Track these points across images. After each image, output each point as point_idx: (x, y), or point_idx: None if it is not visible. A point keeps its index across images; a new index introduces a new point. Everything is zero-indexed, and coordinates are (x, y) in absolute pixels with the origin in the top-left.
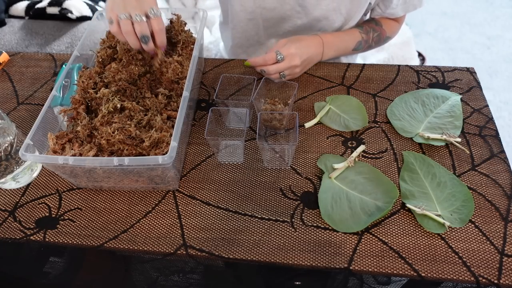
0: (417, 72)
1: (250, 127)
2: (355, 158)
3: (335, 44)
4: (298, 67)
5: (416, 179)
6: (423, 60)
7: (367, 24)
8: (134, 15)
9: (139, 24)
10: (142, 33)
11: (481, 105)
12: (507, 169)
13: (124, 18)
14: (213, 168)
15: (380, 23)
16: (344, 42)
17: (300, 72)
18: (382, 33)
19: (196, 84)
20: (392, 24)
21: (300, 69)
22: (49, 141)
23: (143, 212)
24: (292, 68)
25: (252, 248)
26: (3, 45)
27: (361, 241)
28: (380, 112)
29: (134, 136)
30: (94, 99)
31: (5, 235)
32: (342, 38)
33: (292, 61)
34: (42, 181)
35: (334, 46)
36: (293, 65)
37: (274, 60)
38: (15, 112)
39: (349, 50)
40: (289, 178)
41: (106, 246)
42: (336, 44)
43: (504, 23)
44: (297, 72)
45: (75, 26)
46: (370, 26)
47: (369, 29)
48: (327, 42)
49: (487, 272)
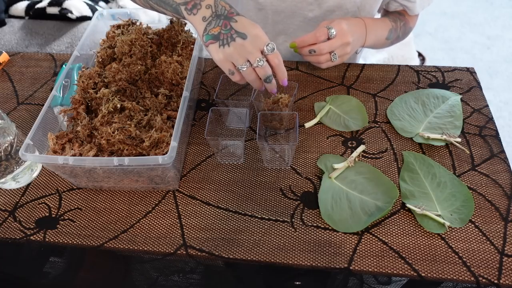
0: (417, 72)
1: (250, 127)
2: (355, 158)
3: (374, 27)
4: (349, 46)
5: (416, 179)
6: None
7: (391, 14)
8: (255, 61)
9: (262, 69)
10: (266, 75)
11: (481, 105)
12: (507, 169)
13: (245, 69)
14: (213, 168)
15: (402, 13)
16: (380, 28)
17: (350, 52)
18: (407, 23)
19: (196, 84)
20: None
21: (351, 48)
22: (49, 141)
23: (143, 212)
24: (344, 46)
25: (252, 248)
26: (3, 45)
27: (361, 241)
28: (380, 112)
29: (134, 136)
30: (94, 99)
31: (5, 235)
32: (378, 24)
33: (344, 38)
34: (42, 181)
35: (374, 30)
36: (345, 41)
37: (325, 36)
38: (15, 112)
39: (383, 39)
40: (289, 178)
41: (106, 246)
42: (375, 28)
43: (504, 23)
44: (348, 52)
45: (75, 26)
46: (396, 16)
47: (396, 18)
48: (368, 24)
49: (487, 272)
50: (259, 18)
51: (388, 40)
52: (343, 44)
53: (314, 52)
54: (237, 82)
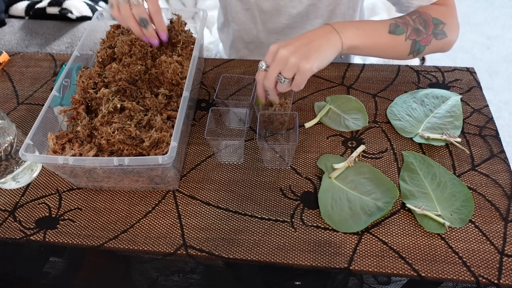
0: (417, 72)
1: (250, 127)
2: (355, 158)
3: (351, 24)
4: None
5: (416, 179)
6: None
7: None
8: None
9: (136, 7)
10: (140, 16)
11: (481, 105)
12: (507, 169)
13: (123, 2)
14: (213, 168)
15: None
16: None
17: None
18: (423, 13)
19: (196, 84)
20: (433, 7)
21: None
22: (49, 141)
23: (143, 212)
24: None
25: (252, 248)
26: (3, 45)
27: (361, 241)
28: (380, 112)
29: (134, 136)
30: (94, 99)
31: (5, 235)
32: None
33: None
34: (42, 181)
35: (351, 26)
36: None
37: (262, 74)
38: (15, 112)
39: (385, 34)
40: (289, 178)
41: (106, 246)
42: (353, 24)
43: (504, 23)
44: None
45: (75, 26)
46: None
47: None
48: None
49: (487, 272)
50: (248, 18)
51: (399, 35)
52: (277, 63)
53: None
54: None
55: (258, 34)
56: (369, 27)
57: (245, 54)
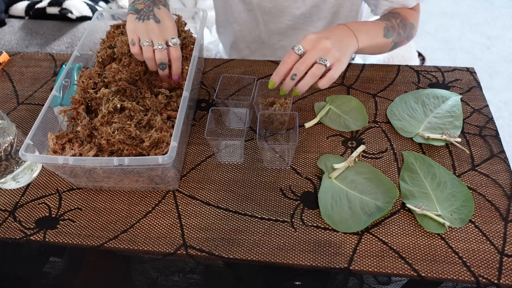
0: (417, 72)
1: (250, 127)
2: (355, 158)
3: (361, 27)
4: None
5: (416, 179)
6: (423, 60)
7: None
8: (157, 44)
9: (159, 53)
10: (161, 61)
11: (481, 105)
12: (507, 169)
13: (146, 44)
14: (213, 168)
15: (397, 12)
16: (371, 27)
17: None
18: (404, 18)
19: (196, 84)
20: (411, 12)
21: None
22: (49, 141)
23: (143, 212)
24: (324, 52)
25: (252, 248)
26: (3, 45)
27: (361, 241)
28: (380, 112)
29: (134, 136)
30: (94, 99)
31: (5, 235)
32: (367, 24)
33: (317, 44)
34: (42, 181)
35: (362, 30)
36: (320, 47)
37: (295, 56)
38: (15, 112)
39: (381, 38)
40: (289, 178)
41: (106, 246)
42: (363, 28)
43: (504, 23)
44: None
45: (75, 26)
46: (388, 15)
47: (388, 17)
48: (352, 25)
49: (487, 272)
50: (251, 19)
51: (389, 39)
52: (318, 51)
53: (295, 76)
54: (133, 55)
55: (261, 34)
56: (372, 30)
57: (246, 54)
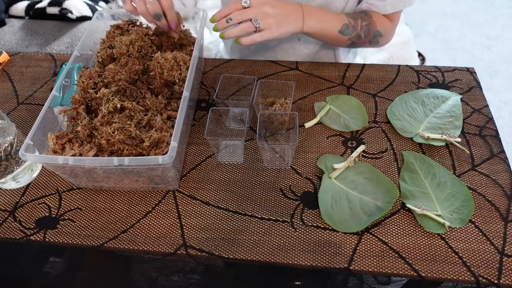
0: (417, 72)
1: (250, 127)
2: (355, 158)
3: (317, 14)
4: (269, 17)
5: (416, 179)
6: (423, 60)
7: (355, 13)
8: None
9: (151, 5)
10: (155, 12)
11: (481, 105)
12: (507, 169)
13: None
14: (213, 168)
15: (369, 14)
16: (329, 18)
17: (274, 26)
18: (372, 24)
19: (196, 84)
20: (384, 20)
21: (273, 19)
22: (49, 141)
23: (143, 212)
24: (263, 16)
25: (252, 248)
26: (3, 45)
27: (361, 241)
28: (380, 112)
29: (134, 136)
30: (94, 99)
31: (5, 235)
32: (327, 13)
33: (261, 7)
34: (42, 181)
35: (316, 15)
36: (261, 11)
37: (239, 5)
38: (15, 112)
39: (335, 30)
40: (289, 178)
41: (106, 246)
42: (318, 14)
43: (504, 23)
44: (270, 24)
45: (75, 26)
46: (359, 14)
47: (357, 16)
48: (307, 8)
49: (487, 272)
50: None
51: (344, 36)
52: (258, 12)
53: (230, 20)
54: (128, 12)
55: None
56: (327, 22)
57: (246, 54)
